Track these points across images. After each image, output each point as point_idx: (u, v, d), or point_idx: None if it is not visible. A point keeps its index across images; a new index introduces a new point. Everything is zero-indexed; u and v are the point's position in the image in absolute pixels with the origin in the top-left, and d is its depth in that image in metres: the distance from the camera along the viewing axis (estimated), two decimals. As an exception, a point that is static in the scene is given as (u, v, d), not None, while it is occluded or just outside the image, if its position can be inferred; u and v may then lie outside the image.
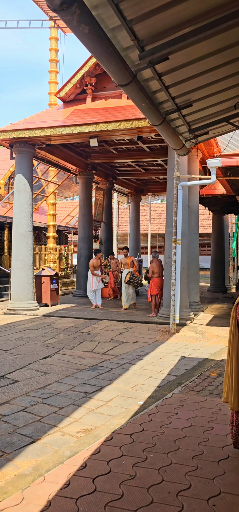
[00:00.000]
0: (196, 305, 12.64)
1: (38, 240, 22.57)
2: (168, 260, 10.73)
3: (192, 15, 4.10)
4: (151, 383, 5.82)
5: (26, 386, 5.69)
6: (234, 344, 3.44)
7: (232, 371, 3.43)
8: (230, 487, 3.07)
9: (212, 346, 8.21)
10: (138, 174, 19.34)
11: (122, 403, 5.03)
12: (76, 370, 6.45)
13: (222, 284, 20.74)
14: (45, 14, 17.53)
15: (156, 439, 3.90)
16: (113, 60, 4.12)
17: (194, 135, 7.53)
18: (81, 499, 2.93)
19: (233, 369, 3.43)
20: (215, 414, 4.53)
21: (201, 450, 3.66)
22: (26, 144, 12.63)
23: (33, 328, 9.90)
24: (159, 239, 37.17)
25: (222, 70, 5.45)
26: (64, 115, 12.80)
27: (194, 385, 5.64)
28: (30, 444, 3.95)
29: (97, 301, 13.31)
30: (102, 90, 13.37)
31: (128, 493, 3.00)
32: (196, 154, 12.29)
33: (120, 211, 33.89)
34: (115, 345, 8.21)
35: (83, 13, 3.30)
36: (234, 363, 3.42)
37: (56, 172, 18.63)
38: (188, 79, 5.45)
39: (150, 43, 4.37)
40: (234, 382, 3.41)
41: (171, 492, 3.00)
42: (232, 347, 3.49)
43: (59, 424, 4.42)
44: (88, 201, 16.90)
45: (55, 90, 17.76)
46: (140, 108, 5.52)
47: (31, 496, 3.01)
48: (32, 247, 12.79)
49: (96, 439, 3.98)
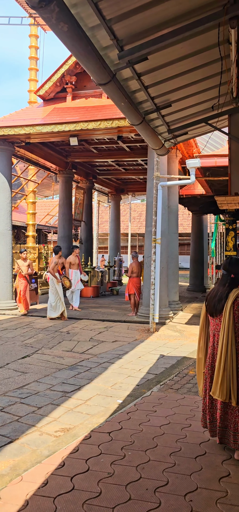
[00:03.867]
0: (175, 304, 12.75)
1: (17, 239, 22.36)
2: (148, 260, 10.79)
3: (171, 16, 4.15)
4: (130, 381, 5.85)
5: (4, 386, 5.63)
6: (229, 335, 3.42)
7: (221, 361, 3.41)
8: (207, 482, 3.12)
9: (190, 344, 8.30)
10: (118, 173, 19.39)
11: (101, 402, 5.03)
12: (55, 370, 6.42)
13: (201, 283, 20.97)
14: (25, 11, 17.37)
15: (134, 437, 3.92)
16: (92, 59, 4.13)
17: (173, 135, 7.60)
18: (59, 497, 2.92)
19: (222, 360, 3.41)
20: (193, 411, 4.59)
21: (178, 447, 3.70)
22: (5, 142, 12.49)
23: (11, 327, 9.80)
24: (139, 238, 37.33)
25: (200, 71, 5.52)
26: (44, 113, 12.71)
27: (173, 383, 5.69)
28: (8, 444, 3.91)
29: (75, 303, 12.48)
30: (82, 89, 13.34)
31: (106, 490, 3.01)
32: (175, 154, 12.39)
33: (100, 210, 33.85)
34: (95, 344, 8.21)
35: (62, 11, 3.30)
36: (222, 354, 3.41)
37: (36, 171, 18.49)
38: (167, 79, 5.50)
39: (129, 43, 4.39)
40: (221, 372, 3.40)
41: (148, 489, 3.03)
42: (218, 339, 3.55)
43: (37, 424, 4.40)
44: (68, 200, 16.84)
45: (35, 88, 17.63)
46: (119, 108, 5.54)
47: (9, 496, 2.98)
48: (11, 246, 12.65)
49: (75, 438, 3.98)
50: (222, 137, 13.28)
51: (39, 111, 13.19)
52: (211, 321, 3.71)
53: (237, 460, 3.44)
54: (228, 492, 2.99)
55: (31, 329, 9.63)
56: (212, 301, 3.64)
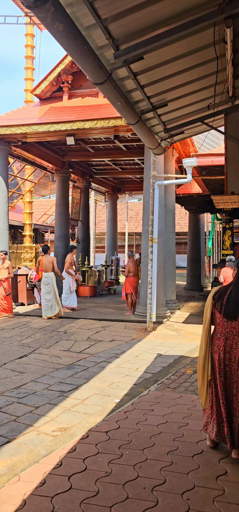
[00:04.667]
0: (173, 303, 12.77)
1: (14, 239, 22.32)
2: (145, 259, 10.80)
3: (166, 15, 4.15)
4: (127, 381, 5.85)
5: (1, 386, 5.63)
6: None
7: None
8: (204, 481, 3.13)
9: (188, 343, 8.31)
10: (115, 173, 19.39)
11: (98, 401, 5.04)
12: (52, 369, 6.42)
13: (199, 282, 21.00)
14: (21, 10, 17.33)
15: (131, 436, 3.93)
16: (88, 58, 4.12)
17: (169, 134, 7.61)
18: (56, 497, 2.93)
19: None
20: (190, 410, 4.60)
21: (176, 446, 3.71)
22: (2, 142, 12.47)
23: (9, 327, 9.79)
24: (136, 237, 37.34)
25: (196, 71, 5.53)
26: (40, 113, 12.70)
27: (170, 382, 5.71)
28: (5, 444, 3.91)
29: (73, 303, 12.40)
30: (79, 88, 13.34)
31: (103, 489, 3.01)
32: (172, 153, 12.40)
33: (97, 209, 33.87)
34: (92, 343, 8.22)
35: (58, 10, 3.29)
36: None
37: (32, 170, 18.46)
38: (163, 79, 5.50)
39: (125, 42, 4.39)
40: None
41: (146, 488, 3.03)
42: None
43: (35, 424, 4.40)
44: (65, 199, 16.83)
45: (31, 87, 17.59)
46: (115, 107, 5.54)
47: (6, 495, 2.98)
48: (8, 246, 12.64)
49: (72, 438, 3.98)
50: (219, 136, 13.32)
51: (35, 110, 13.17)
52: (220, 322, 3.51)
53: (234, 459, 3.45)
54: (225, 490, 3.00)
55: (29, 328, 9.62)
56: (231, 304, 3.45)
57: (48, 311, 10.99)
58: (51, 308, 10.99)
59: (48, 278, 11.08)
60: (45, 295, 11.10)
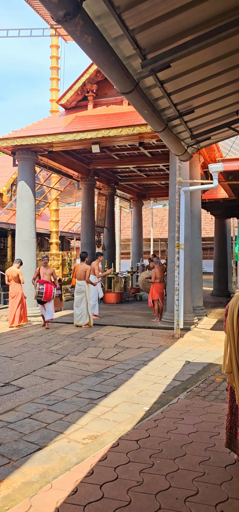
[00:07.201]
0: (200, 309, 12.65)
1: (41, 246, 22.62)
2: (171, 265, 10.75)
3: (193, 23, 4.14)
4: (156, 388, 5.83)
5: (31, 393, 5.71)
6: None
7: None
8: (238, 492, 3.08)
9: (216, 350, 8.21)
10: (140, 179, 19.42)
11: (128, 409, 5.04)
12: (81, 376, 6.47)
13: (225, 288, 20.71)
14: (46, 22, 17.65)
15: (162, 444, 3.91)
16: (116, 68, 4.16)
17: (196, 140, 7.56)
18: (89, 506, 2.94)
19: None
20: (221, 419, 4.54)
21: (207, 456, 3.67)
22: (29, 151, 12.71)
23: (37, 334, 9.92)
24: (162, 243, 37.19)
25: (223, 76, 5.48)
26: (66, 122, 12.87)
27: (199, 390, 5.65)
28: (36, 451, 3.96)
29: (96, 310, 12.29)
30: (103, 96, 13.44)
31: (135, 499, 3.01)
32: (197, 159, 12.33)
33: (122, 216, 33.93)
34: (120, 350, 8.23)
35: (86, 23, 3.34)
36: None
37: (58, 179, 18.72)
38: (189, 86, 5.48)
39: (152, 51, 4.41)
40: None
41: (178, 498, 3.01)
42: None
43: (65, 431, 4.44)
44: (91, 207, 16.96)
45: (56, 97, 17.85)
46: (142, 115, 5.55)
47: (39, 503, 3.02)
48: (35, 254, 12.85)
49: (102, 446, 3.99)
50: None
51: (61, 120, 13.36)
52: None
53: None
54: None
55: (57, 335, 9.72)
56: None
57: (79, 319, 10.92)
58: (81, 317, 10.91)
59: (82, 286, 10.95)
60: (77, 303, 11.01)
